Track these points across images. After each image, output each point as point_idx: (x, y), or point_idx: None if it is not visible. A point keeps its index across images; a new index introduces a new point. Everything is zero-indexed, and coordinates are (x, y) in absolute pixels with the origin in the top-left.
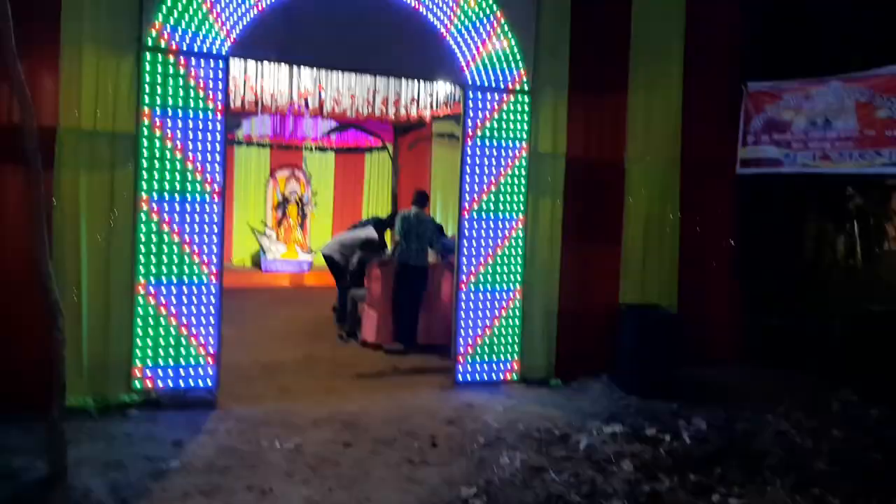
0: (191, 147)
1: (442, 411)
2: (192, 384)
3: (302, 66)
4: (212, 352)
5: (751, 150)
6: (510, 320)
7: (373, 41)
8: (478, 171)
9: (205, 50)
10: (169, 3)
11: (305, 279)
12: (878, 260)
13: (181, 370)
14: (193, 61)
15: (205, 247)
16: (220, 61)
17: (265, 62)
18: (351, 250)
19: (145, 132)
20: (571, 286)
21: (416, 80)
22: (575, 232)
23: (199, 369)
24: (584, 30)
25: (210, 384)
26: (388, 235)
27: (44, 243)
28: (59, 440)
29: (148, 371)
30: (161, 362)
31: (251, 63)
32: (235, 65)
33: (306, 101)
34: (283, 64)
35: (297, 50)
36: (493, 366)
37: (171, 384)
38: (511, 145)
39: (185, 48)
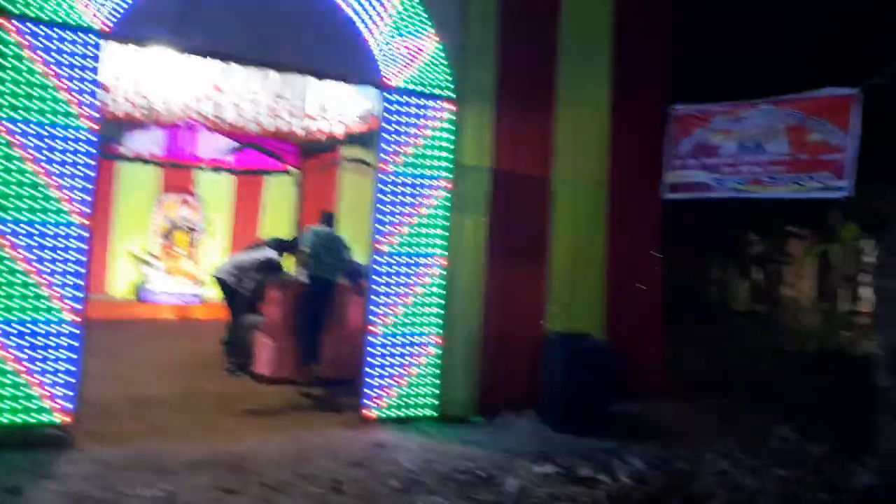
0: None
1: (348, 452)
2: (39, 420)
3: (196, 57)
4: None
5: (679, 175)
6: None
7: (281, 31)
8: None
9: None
10: None
11: (194, 312)
12: (778, 304)
13: (26, 402)
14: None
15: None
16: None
17: (151, 52)
18: (246, 273)
19: None
20: (495, 312)
21: (326, 83)
22: (500, 252)
23: (51, 401)
24: (511, 41)
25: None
26: (287, 263)
27: None
28: None
29: None
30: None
31: (136, 57)
32: (115, 56)
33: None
34: (173, 53)
35: (190, 33)
36: (408, 400)
37: (13, 418)
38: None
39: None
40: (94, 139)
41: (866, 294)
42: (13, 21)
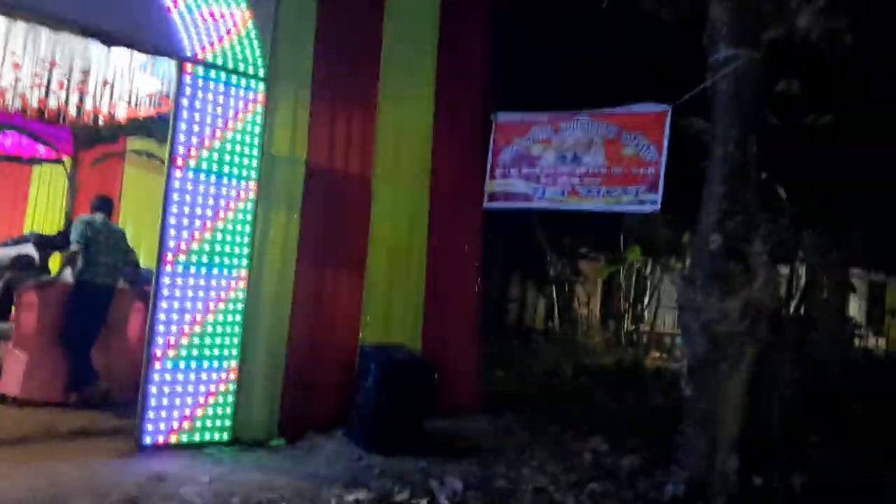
0: None
1: (118, 487)
2: None
3: None
4: None
5: (499, 184)
6: (222, 362)
7: None
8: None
9: None
10: None
11: None
12: (571, 322)
13: None
14: None
15: None
16: None
17: None
18: None
19: None
20: (305, 321)
21: (113, 51)
22: (312, 256)
23: None
24: (332, 25)
25: None
26: (54, 261)
27: None
28: None
29: None
30: None
31: None
32: None
33: None
34: None
35: None
36: (197, 423)
37: None
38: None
39: None
40: None
41: (647, 314)
42: None
